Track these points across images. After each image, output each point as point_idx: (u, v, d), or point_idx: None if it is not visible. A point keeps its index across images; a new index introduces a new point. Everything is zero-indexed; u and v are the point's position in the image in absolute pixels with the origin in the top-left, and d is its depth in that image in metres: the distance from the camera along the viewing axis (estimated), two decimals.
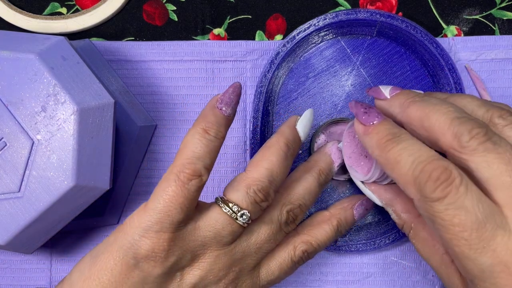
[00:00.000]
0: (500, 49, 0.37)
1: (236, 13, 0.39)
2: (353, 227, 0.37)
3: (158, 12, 0.39)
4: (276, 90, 0.37)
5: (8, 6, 0.38)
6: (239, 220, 0.29)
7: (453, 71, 0.36)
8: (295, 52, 0.37)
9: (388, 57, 0.37)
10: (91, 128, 0.30)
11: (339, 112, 0.37)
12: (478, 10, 0.38)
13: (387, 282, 0.38)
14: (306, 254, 0.32)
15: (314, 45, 0.37)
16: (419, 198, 0.25)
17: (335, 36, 0.37)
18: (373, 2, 0.38)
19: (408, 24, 0.36)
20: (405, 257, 0.38)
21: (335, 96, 0.37)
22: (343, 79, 0.37)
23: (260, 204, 0.29)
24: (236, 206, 0.29)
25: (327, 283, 0.38)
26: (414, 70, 0.37)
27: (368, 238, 0.37)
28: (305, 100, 0.38)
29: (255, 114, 0.37)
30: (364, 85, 0.37)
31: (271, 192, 0.30)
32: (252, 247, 0.31)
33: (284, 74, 0.38)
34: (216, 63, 0.38)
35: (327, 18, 0.37)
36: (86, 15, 0.38)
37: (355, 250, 0.37)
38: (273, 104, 0.38)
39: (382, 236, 0.37)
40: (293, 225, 0.32)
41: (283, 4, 0.39)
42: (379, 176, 0.32)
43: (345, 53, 0.37)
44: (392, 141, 0.27)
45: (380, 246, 0.37)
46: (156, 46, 0.38)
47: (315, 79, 0.37)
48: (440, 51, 0.36)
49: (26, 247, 0.32)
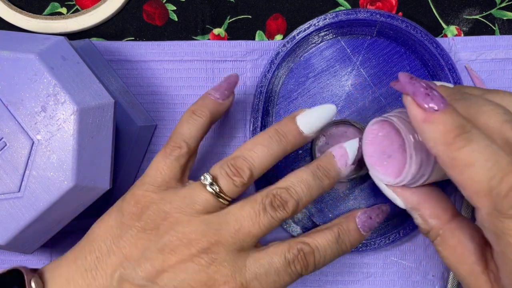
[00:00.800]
0: (500, 49, 0.37)
1: (236, 13, 0.39)
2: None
3: (158, 12, 0.39)
4: (276, 90, 0.37)
5: (8, 6, 0.38)
6: (209, 188, 0.30)
7: (453, 71, 0.36)
8: (295, 52, 0.37)
9: (388, 57, 0.37)
10: (91, 128, 0.30)
11: (339, 112, 0.37)
12: (478, 10, 0.38)
13: (387, 282, 0.38)
14: (302, 254, 0.30)
15: (314, 45, 0.37)
16: (489, 211, 0.23)
17: (335, 36, 0.37)
18: (373, 2, 0.38)
19: (408, 24, 0.36)
20: (405, 257, 0.38)
21: (335, 96, 0.37)
22: (343, 79, 0.37)
23: (232, 178, 0.30)
24: (209, 176, 0.30)
25: (327, 283, 0.38)
26: (414, 70, 0.37)
27: (368, 239, 0.37)
28: (305, 100, 0.38)
29: (255, 114, 0.37)
30: (364, 85, 0.37)
31: (246, 169, 0.30)
32: (231, 223, 0.29)
33: (284, 74, 0.37)
34: (216, 63, 0.38)
35: (327, 18, 0.37)
36: (86, 15, 0.38)
37: (355, 250, 0.37)
38: (273, 104, 0.38)
39: (382, 236, 0.37)
40: (283, 213, 0.30)
41: (283, 4, 0.39)
42: (411, 179, 0.29)
43: (345, 53, 0.37)
44: (462, 138, 0.23)
45: (380, 246, 0.37)
46: (156, 46, 0.38)
47: (315, 79, 0.37)
48: (440, 51, 0.36)
49: (26, 247, 0.32)
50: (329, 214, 0.37)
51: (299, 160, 0.37)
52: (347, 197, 0.37)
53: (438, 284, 0.38)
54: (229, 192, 0.30)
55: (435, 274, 0.38)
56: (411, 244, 0.38)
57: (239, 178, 0.30)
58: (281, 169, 0.37)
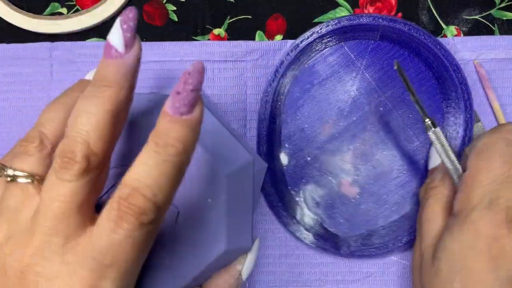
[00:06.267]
0: (500, 49, 0.37)
1: (236, 13, 0.39)
2: (364, 232, 0.37)
3: (158, 12, 0.39)
4: (281, 98, 0.37)
5: (8, 6, 0.38)
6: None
7: (457, 72, 0.36)
8: (299, 60, 0.37)
9: (392, 60, 0.37)
10: (236, 189, 0.29)
11: (345, 117, 0.37)
12: (478, 10, 0.38)
13: (387, 282, 0.38)
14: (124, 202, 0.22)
15: (318, 51, 0.37)
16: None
17: (338, 41, 0.37)
18: (373, 2, 0.38)
19: (411, 26, 0.36)
20: (405, 257, 0.38)
21: (341, 102, 0.37)
22: (348, 84, 0.37)
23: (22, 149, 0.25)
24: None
25: (327, 283, 0.38)
26: (419, 72, 0.37)
27: (380, 243, 0.37)
28: (311, 107, 0.37)
29: (260, 124, 0.37)
30: (369, 89, 0.37)
31: (36, 134, 0.25)
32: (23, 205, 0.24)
33: (289, 82, 0.37)
34: (216, 63, 0.38)
35: (329, 25, 0.37)
36: (86, 15, 0.38)
37: (368, 255, 0.37)
38: (280, 113, 0.37)
39: (394, 240, 0.37)
40: (76, 165, 0.22)
41: (283, 4, 0.39)
42: None
43: (349, 58, 0.37)
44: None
45: (393, 250, 0.37)
46: (156, 47, 0.38)
47: (320, 85, 0.37)
48: (444, 52, 0.36)
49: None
50: (340, 220, 0.37)
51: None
52: (358, 201, 0.37)
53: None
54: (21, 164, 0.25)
55: None
56: (411, 244, 0.38)
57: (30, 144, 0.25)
58: None
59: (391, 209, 0.37)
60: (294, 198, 0.38)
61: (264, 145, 0.37)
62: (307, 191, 0.38)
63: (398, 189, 0.37)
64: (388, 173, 0.37)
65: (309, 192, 0.38)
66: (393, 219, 0.37)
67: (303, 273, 0.38)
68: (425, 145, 0.37)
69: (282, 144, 0.38)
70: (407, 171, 0.37)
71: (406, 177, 0.37)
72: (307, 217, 0.37)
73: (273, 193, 0.37)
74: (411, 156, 0.37)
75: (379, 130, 0.37)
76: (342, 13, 0.38)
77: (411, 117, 0.37)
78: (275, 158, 0.38)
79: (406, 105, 0.37)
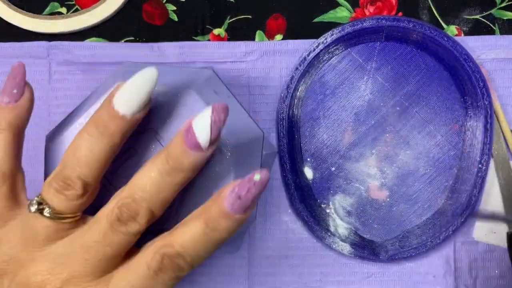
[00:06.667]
0: (501, 49, 0.37)
1: (236, 13, 0.39)
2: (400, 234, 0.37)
3: (158, 12, 0.39)
4: (297, 113, 0.37)
5: (8, 6, 0.38)
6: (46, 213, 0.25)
7: (469, 60, 0.36)
8: (309, 73, 0.37)
9: (401, 59, 0.37)
10: (243, 162, 0.29)
11: (363, 122, 0.37)
12: (478, 10, 0.38)
13: (387, 282, 0.38)
14: (167, 259, 0.25)
15: (326, 61, 0.37)
16: None
17: (345, 48, 0.37)
18: (373, 2, 0.38)
19: (416, 23, 0.36)
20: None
21: (357, 107, 0.37)
22: (361, 89, 0.37)
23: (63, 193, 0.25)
24: (36, 199, 0.25)
25: (327, 283, 0.38)
26: (430, 66, 0.37)
27: (418, 242, 0.37)
28: (328, 117, 0.37)
29: (280, 142, 0.37)
30: (383, 90, 0.37)
31: (75, 179, 0.25)
32: (77, 249, 0.25)
33: (302, 96, 0.38)
34: (216, 64, 0.38)
35: (333, 33, 0.37)
36: (86, 15, 0.38)
37: (407, 256, 0.37)
38: (297, 128, 0.37)
39: (432, 237, 0.36)
40: (136, 225, 0.25)
41: (283, 4, 0.39)
42: None
43: (358, 63, 0.37)
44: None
45: (432, 248, 0.36)
46: (156, 48, 0.38)
47: (333, 94, 0.37)
48: (452, 43, 0.36)
49: None
50: (374, 225, 0.37)
51: None
52: (388, 204, 0.37)
53: (438, 284, 0.37)
54: (68, 209, 0.25)
55: (436, 275, 0.37)
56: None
57: (71, 191, 0.25)
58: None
59: (423, 207, 0.37)
60: (325, 210, 0.37)
61: (287, 162, 0.37)
62: (336, 201, 0.37)
63: (427, 186, 0.37)
64: (415, 172, 0.37)
65: (338, 202, 0.37)
66: (427, 217, 0.37)
67: (303, 273, 0.38)
68: (448, 138, 0.37)
69: (304, 158, 0.38)
70: (433, 167, 0.37)
71: (433, 172, 0.37)
72: (341, 228, 0.37)
73: (303, 209, 0.37)
74: (435, 151, 0.37)
75: (399, 130, 0.37)
76: (343, 12, 0.38)
77: (429, 112, 0.37)
78: (300, 174, 0.37)
79: (422, 101, 0.37)
